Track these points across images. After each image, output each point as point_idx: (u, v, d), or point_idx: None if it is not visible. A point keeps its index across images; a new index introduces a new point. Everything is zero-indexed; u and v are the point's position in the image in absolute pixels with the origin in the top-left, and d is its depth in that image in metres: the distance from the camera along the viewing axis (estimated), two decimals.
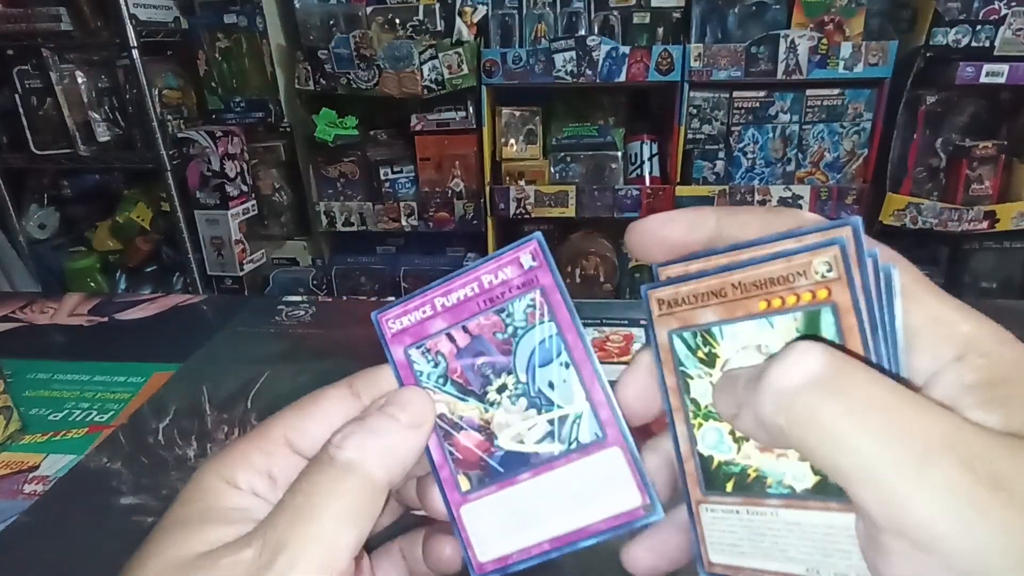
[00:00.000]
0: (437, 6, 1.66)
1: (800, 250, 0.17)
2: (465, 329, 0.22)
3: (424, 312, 0.22)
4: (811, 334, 0.17)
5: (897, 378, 0.16)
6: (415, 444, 0.21)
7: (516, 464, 0.22)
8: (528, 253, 0.21)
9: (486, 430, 0.22)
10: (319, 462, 0.21)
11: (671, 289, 0.20)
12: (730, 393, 0.18)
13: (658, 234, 0.20)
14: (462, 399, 0.22)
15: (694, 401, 0.20)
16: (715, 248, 0.19)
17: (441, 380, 0.22)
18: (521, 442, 0.22)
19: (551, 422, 0.21)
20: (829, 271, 0.17)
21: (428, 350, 0.22)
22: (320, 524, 0.19)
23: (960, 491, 0.13)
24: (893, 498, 0.14)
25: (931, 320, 0.17)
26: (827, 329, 0.17)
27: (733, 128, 1.73)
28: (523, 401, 0.21)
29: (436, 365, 0.22)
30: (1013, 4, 1.49)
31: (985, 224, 1.63)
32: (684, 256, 0.20)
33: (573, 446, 0.21)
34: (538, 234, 0.21)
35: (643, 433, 0.22)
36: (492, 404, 0.22)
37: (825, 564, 0.18)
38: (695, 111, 1.71)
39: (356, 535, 0.20)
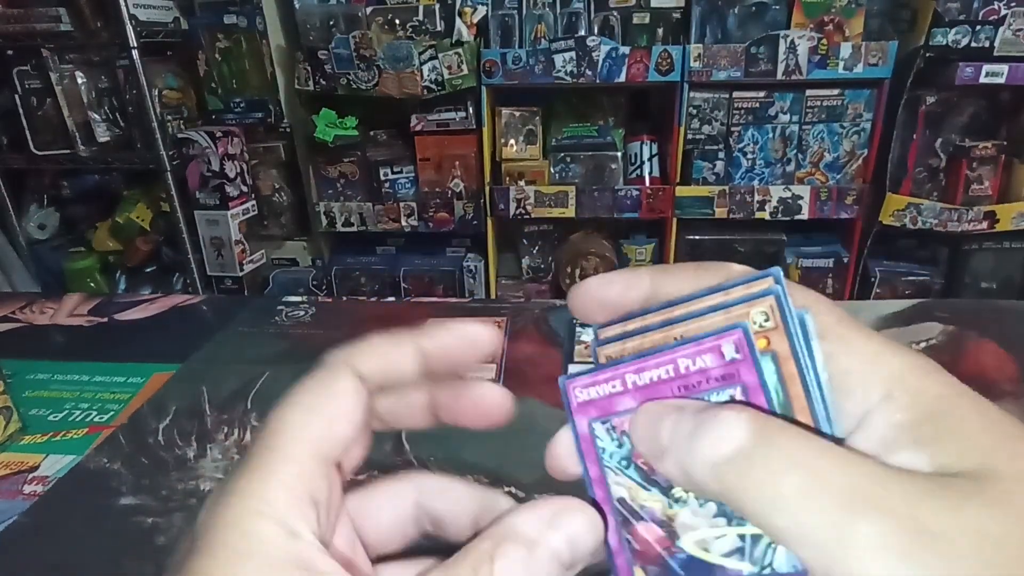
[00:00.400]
0: (437, 6, 1.66)
1: (737, 302, 0.18)
2: None
3: (614, 387, 0.20)
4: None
5: (822, 434, 0.16)
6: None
7: (699, 571, 0.20)
8: (731, 343, 0.18)
9: (668, 527, 0.20)
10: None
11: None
12: (653, 436, 0.18)
13: (597, 295, 0.21)
14: (645, 488, 0.20)
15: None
16: (650, 307, 0.20)
17: (624, 462, 0.21)
18: (706, 550, 0.20)
19: (742, 537, 0.19)
20: (767, 320, 0.17)
21: (614, 427, 0.21)
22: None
23: (887, 542, 0.13)
24: (827, 555, 0.14)
25: (859, 360, 0.17)
26: (770, 378, 0.17)
27: (733, 128, 1.73)
28: (712, 506, 0.19)
29: (620, 445, 0.21)
30: (1013, 4, 1.49)
31: (985, 224, 1.63)
32: (622, 316, 0.20)
33: (767, 571, 0.19)
34: (745, 324, 0.18)
35: None
36: (677, 501, 0.20)
37: None
38: (695, 111, 1.71)
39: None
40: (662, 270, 0.21)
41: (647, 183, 1.79)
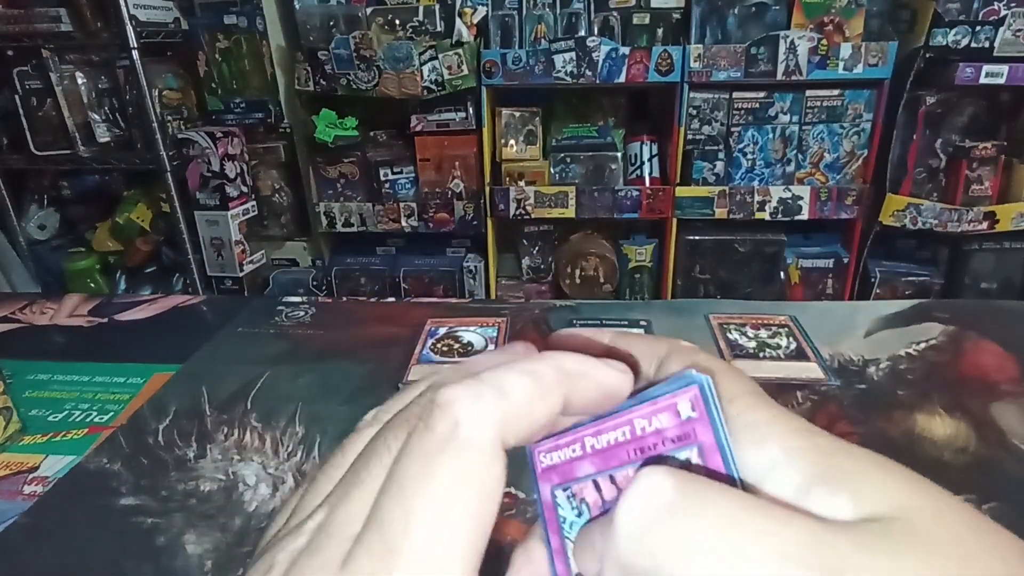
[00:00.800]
0: (437, 7, 1.66)
1: (660, 395, 0.18)
2: (612, 480, 0.20)
3: (574, 451, 0.20)
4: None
5: (738, 483, 0.17)
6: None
7: None
8: (687, 400, 0.18)
9: None
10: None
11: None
12: (589, 549, 0.17)
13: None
14: None
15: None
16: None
17: None
18: None
19: None
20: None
21: (574, 495, 0.20)
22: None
23: None
24: None
25: (761, 417, 0.17)
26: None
27: (733, 129, 1.73)
28: None
29: (580, 515, 0.20)
30: (1012, 5, 1.49)
31: (985, 225, 1.63)
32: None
33: None
34: (702, 379, 0.18)
35: None
36: None
37: None
38: (695, 112, 1.71)
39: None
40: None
41: (647, 183, 1.79)
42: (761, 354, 0.65)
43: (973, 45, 1.49)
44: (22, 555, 0.42)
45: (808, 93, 1.67)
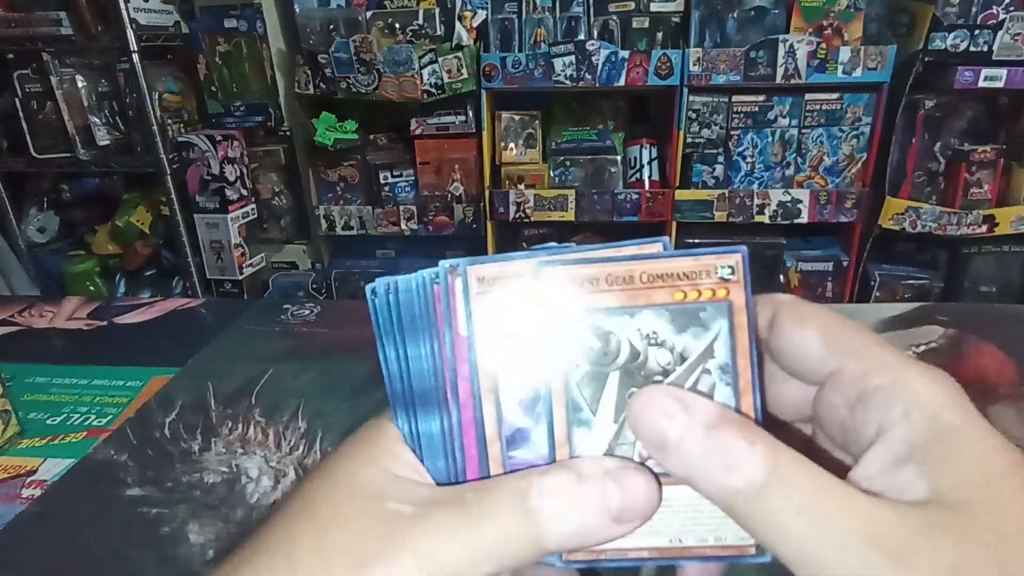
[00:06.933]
0: (437, 11, 1.66)
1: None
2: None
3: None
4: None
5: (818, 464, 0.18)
6: (610, 535, 0.19)
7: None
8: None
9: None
10: (516, 497, 0.19)
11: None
12: (657, 430, 0.19)
13: None
14: None
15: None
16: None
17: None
18: None
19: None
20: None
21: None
22: (475, 553, 0.18)
23: (873, 573, 0.15)
24: None
25: (885, 378, 0.19)
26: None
27: (732, 132, 1.73)
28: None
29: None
30: (1011, 8, 1.49)
31: (984, 228, 1.63)
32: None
33: None
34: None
35: None
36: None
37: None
38: (694, 115, 1.72)
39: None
40: None
41: (646, 187, 1.79)
42: None
43: (972, 49, 1.50)
44: (31, 542, 0.43)
45: (807, 97, 1.67)
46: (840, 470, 0.18)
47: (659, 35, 1.72)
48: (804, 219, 1.73)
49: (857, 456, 0.19)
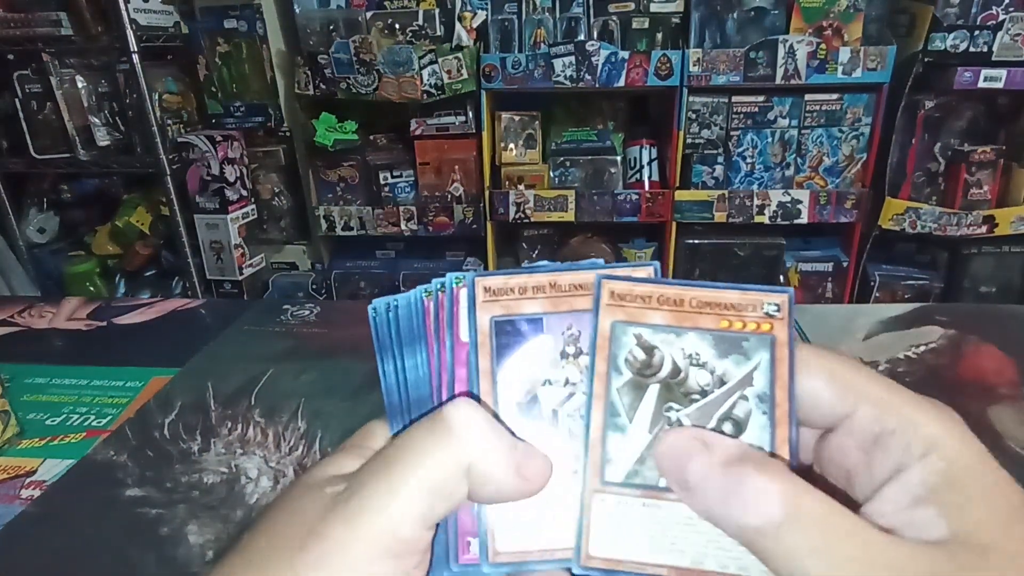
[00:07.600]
0: (437, 11, 1.66)
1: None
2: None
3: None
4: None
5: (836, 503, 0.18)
6: (518, 491, 0.21)
7: None
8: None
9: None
10: (430, 419, 0.21)
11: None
12: (679, 470, 0.20)
13: None
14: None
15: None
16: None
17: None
18: None
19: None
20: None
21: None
22: (400, 482, 0.20)
23: None
24: None
25: (902, 421, 0.19)
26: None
27: (732, 133, 1.73)
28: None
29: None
30: (1011, 9, 1.49)
31: (984, 229, 1.63)
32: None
33: None
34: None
35: None
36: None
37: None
38: (694, 116, 1.72)
39: (430, 508, 0.20)
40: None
41: (646, 187, 1.79)
42: None
43: (972, 49, 1.50)
44: (30, 543, 0.43)
45: (807, 97, 1.67)
46: (850, 508, 0.18)
47: (659, 35, 1.72)
48: (804, 219, 1.73)
49: (865, 496, 0.20)
